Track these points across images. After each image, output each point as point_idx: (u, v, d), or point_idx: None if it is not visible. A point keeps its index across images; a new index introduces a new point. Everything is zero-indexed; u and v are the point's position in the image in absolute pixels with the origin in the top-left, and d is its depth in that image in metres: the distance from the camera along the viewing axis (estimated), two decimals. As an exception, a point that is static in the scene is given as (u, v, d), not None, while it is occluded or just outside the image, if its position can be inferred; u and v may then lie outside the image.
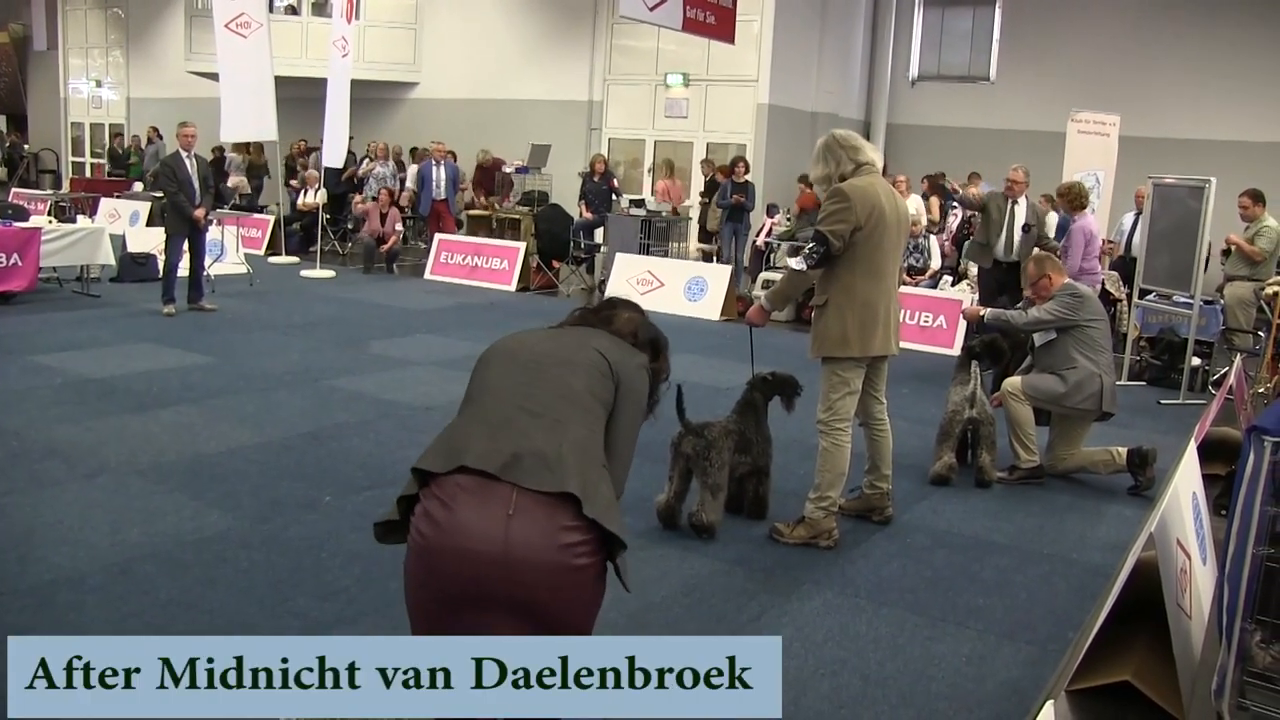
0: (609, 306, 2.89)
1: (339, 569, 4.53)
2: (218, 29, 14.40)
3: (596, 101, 19.25)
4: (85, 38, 27.49)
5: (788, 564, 4.88)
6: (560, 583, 2.26)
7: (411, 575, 2.33)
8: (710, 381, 8.42)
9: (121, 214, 16.87)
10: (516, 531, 2.21)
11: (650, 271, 12.78)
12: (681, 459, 5.15)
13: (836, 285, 4.91)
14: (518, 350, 2.58)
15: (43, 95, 29.13)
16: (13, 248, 10.70)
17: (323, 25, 19.30)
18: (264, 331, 10.07)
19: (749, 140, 17.42)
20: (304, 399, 7.49)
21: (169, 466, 5.82)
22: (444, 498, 2.26)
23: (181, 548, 4.70)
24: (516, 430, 2.34)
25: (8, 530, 4.82)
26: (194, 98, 22.04)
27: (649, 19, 13.70)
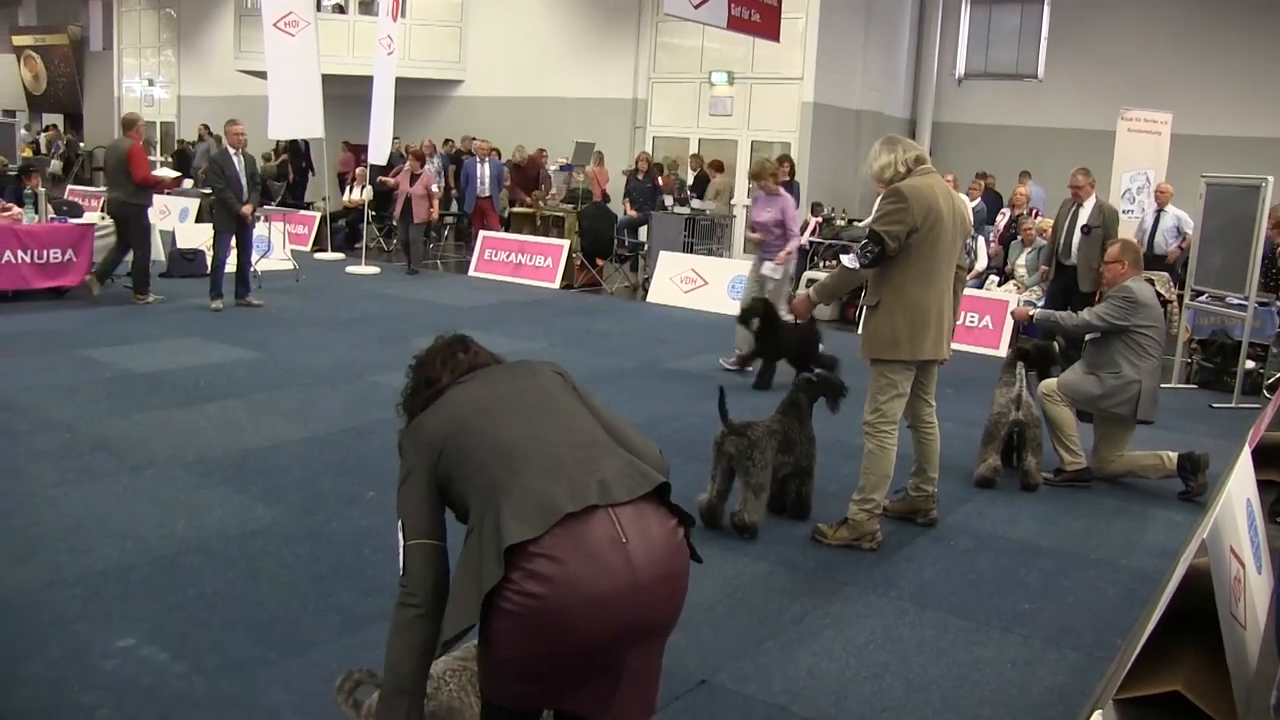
0: (466, 357, 2.61)
1: (381, 565, 4.55)
2: (266, 28, 14.57)
3: (641, 100, 19.23)
4: (139, 38, 27.91)
5: (830, 565, 4.84)
6: (674, 587, 2.27)
7: (515, 641, 2.15)
8: (753, 380, 8.37)
9: (171, 210, 17.08)
10: (638, 550, 2.17)
11: (694, 270, 12.76)
12: (724, 458, 5.13)
13: (888, 286, 4.86)
14: (492, 404, 2.41)
15: (98, 94, 29.63)
16: (67, 244, 10.87)
17: (369, 24, 19.43)
18: (309, 327, 10.17)
19: (793, 139, 17.32)
20: (348, 395, 7.54)
21: (215, 460, 5.88)
22: (545, 553, 2.12)
23: (226, 541, 4.75)
24: (576, 464, 2.25)
25: (58, 521, 4.89)
26: (242, 95, 22.31)
27: (694, 17, 13.66)
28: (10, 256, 10.44)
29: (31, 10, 31.77)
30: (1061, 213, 9.37)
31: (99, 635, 3.81)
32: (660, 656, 2.37)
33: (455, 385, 2.51)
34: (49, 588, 4.19)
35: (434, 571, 2.34)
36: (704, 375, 8.47)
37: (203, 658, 3.68)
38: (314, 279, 13.23)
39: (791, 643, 4.05)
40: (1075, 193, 9.17)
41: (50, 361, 8.07)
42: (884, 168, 4.87)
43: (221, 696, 3.46)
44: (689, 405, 7.09)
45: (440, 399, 2.49)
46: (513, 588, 2.11)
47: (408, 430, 2.51)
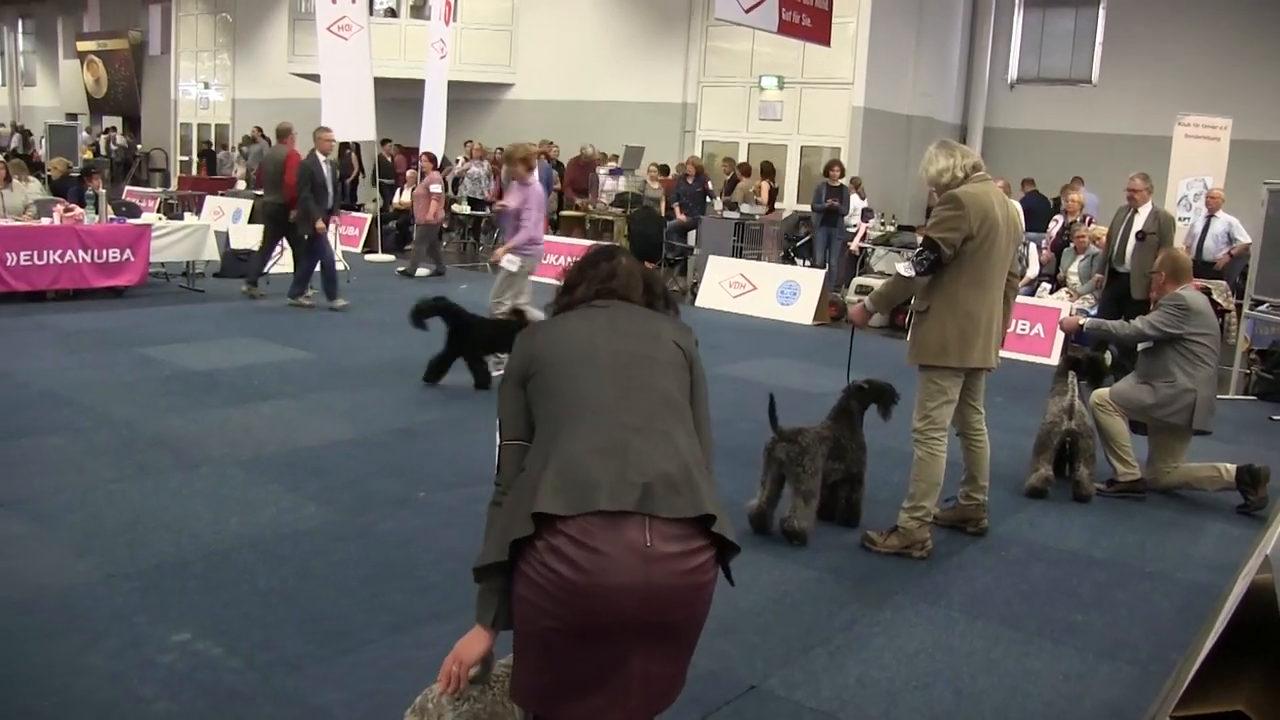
0: (608, 266, 2.64)
1: (431, 565, 4.59)
2: (320, 31, 14.75)
3: (690, 104, 19.26)
4: (195, 42, 28.38)
5: (879, 573, 4.81)
6: (694, 599, 2.26)
7: (538, 610, 2.22)
8: (802, 387, 8.35)
9: (225, 211, 17.33)
10: (656, 561, 2.18)
11: (743, 274, 12.74)
12: (774, 465, 5.12)
13: (939, 293, 4.83)
14: (592, 352, 2.44)
15: (155, 97, 30.16)
16: (125, 243, 11.07)
17: (420, 27, 19.64)
18: (360, 328, 10.27)
19: (844, 144, 17.26)
20: (399, 396, 7.61)
21: (268, 459, 5.96)
22: (576, 535, 2.16)
23: (279, 539, 4.81)
24: (635, 454, 2.25)
25: (117, 515, 4.98)
26: (295, 98, 22.60)
27: (744, 21, 13.66)
28: (72, 255, 10.66)
29: (96, 16, 32.40)
30: (1117, 219, 9.23)
31: (156, 629, 3.88)
32: (674, 676, 2.36)
33: (586, 308, 2.57)
34: (108, 580, 4.27)
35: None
36: (753, 381, 8.45)
37: (256, 653, 3.73)
38: (364, 280, 13.35)
39: (840, 650, 4.03)
40: (1131, 197, 9.03)
41: (109, 359, 8.22)
42: (941, 172, 4.82)
43: (274, 692, 3.50)
44: (738, 410, 7.07)
45: (564, 317, 2.57)
46: (536, 557, 2.18)
47: (525, 330, 2.59)
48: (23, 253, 10.37)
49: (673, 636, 2.29)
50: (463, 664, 2.38)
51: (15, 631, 3.82)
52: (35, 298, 10.48)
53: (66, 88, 33.79)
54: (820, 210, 14.28)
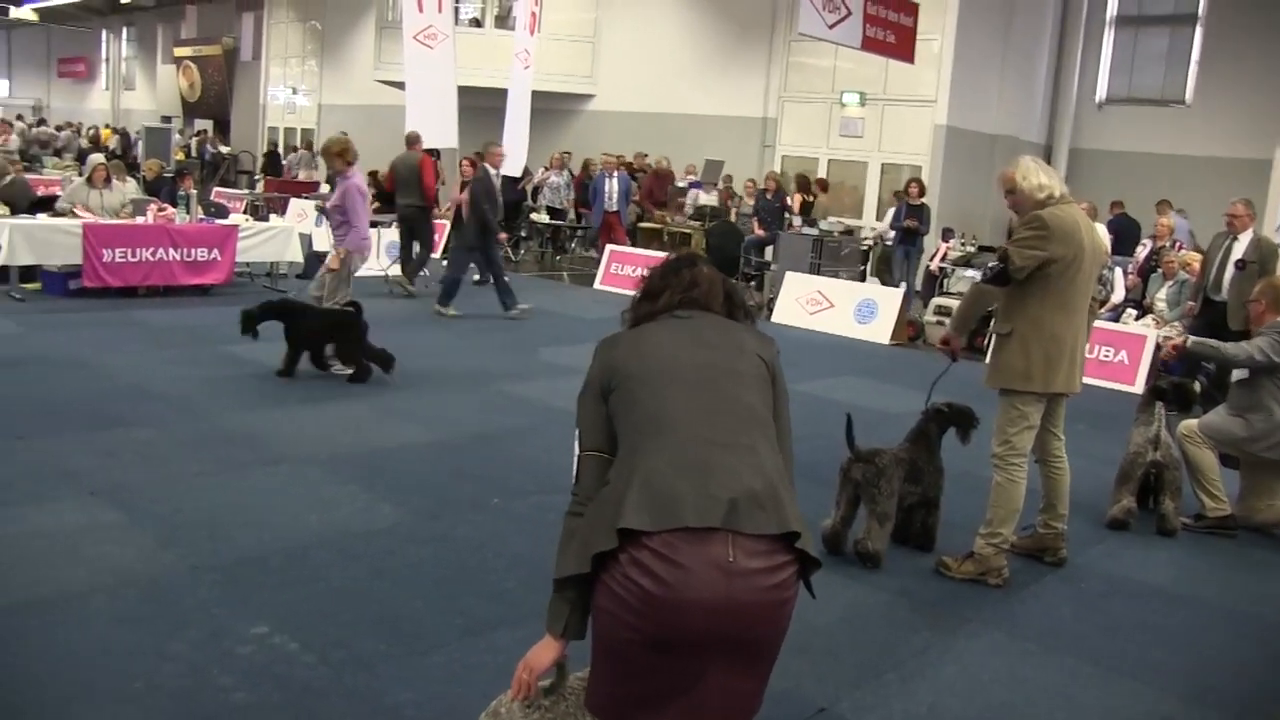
0: (690, 274, 2.63)
1: (504, 571, 4.62)
2: (406, 40, 14.99)
3: (771, 118, 19.21)
4: (285, 48, 29.02)
5: (954, 599, 4.74)
6: (775, 616, 2.25)
7: (618, 621, 2.22)
8: (878, 406, 8.27)
9: (309, 214, 17.63)
10: (739, 577, 2.17)
11: (820, 292, 12.65)
12: (850, 485, 5.07)
13: (1023, 315, 4.74)
14: (676, 364, 2.42)
15: (244, 101, 30.90)
16: (213, 243, 11.34)
17: (504, 37, 19.84)
18: (437, 332, 10.39)
19: (925, 162, 17.09)
20: (474, 401, 7.68)
21: (344, 459, 6.04)
22: (660, 549, 2.16)
23: (354, 538, 4.87)
24: (720, 471, 2.24)
25: (200, 508, 5.09)
26: (380, 105, 23.00)
27: (828, 37, 13.60)
28: (163, 254, 10.94)
29: (193, 24, 33.30)
30: (1214, 245, 8.95)
31: (235, 621, 3.95)
32: (751, 694, 2.34)
33: (668, 318, 2.55)
34: (191, 572, 4.37)
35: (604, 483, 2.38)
36: (828, 399, 8.38)
37: (330, 650, 3.78)
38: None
39: (913, 675, 3.97)
40: (1231, 223, 8.74)
41: (195, 355, 8.42)
42: (1040, 188, 4.72)
43: (347, 689, 3.54)
44: (813, 428, 7.00)
45: (646, 328, 2.55)
46: (619, 570, 2.18)
47: (606, 340, 2.55)
48: (118, 250, 10.67)
49: (752, 653, 2.28)
50: (533, 672, 2.39)
51: (105, 615, 3.93)
52: (128, 293, 10.77)
53: (163, 92, 34.76)
54: (898, 229, 14.15)
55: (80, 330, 9.04)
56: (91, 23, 37.58)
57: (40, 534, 4.63)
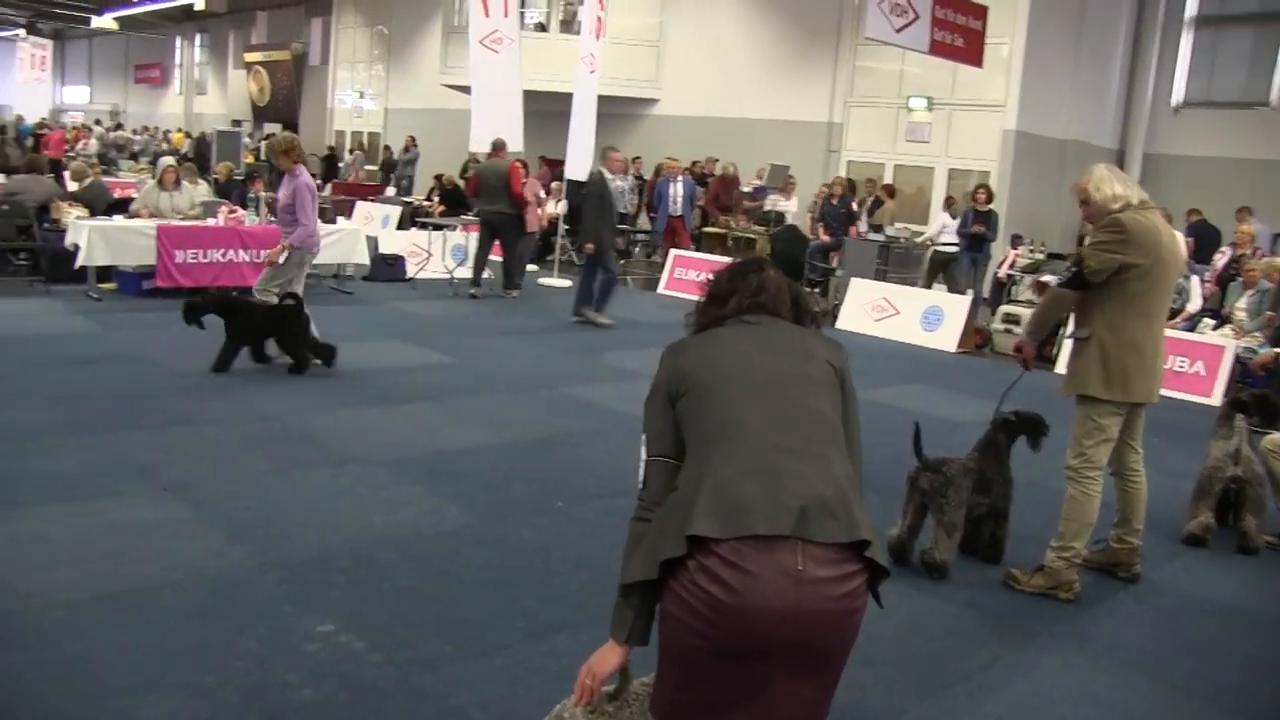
0: (757, 279, 2.60)
1: (567, 574, 4.62)
2: (472, 44, 15.10)
3: (836, 123, 19.07)
4: (353, 53, 29.42)
5: (1022, 613, 4.65)
6: (843, 625, 2.23)
7: (686, 627, 2.21)
8: (944, 415, 8.16)
9: (375, 217, 17.85)
10: (807, 585, 2.15)
11: (885, 298, 12.52)
12: (917, 494, 5.00)
13: (1103, 321, 4.63)
14: (746, 370, 2.40)
15: (312, 105, 31.37)
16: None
17: (567, 42, 19.92)
18: (502, 336, 10.44)
19: (993, 167, 16.85)
20: (539, 404, 7.70)
21: (411, 460, 6.08)
22: (728, 556, 2.15)
23: (420, 539, 4.90)
24: (790, 478, 2.22)
25: (267, 506, 5.16)
26: (445, 109, 23.23)
27: (895, 41, 13.47)
28: (233, 255, 11.12)
29: (263, 29, 33.89)
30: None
31: (302, 619, 3.99)
32: (817, 703, 2.31)
33: (737, 323, 2.52)
34: (259, 569, 4.42)
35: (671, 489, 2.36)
36: (894, 406, 8.28)
37: (395, 650, 3.81)
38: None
39: (980, 690, 3.90)
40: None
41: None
42: (1114, 198, 4.62)
43: (412, 689, 3.56)
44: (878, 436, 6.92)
45: (714, 334, 2.52)
46: (687, 576, 2.17)
47: (674, 346, 2.53)
48: (189, 250, 10.86)
49: (820, 661, 2.26)
50: (595, 677, 2.38)
51: (176, 609, 4.00)
52: (198, 293, 10.94)
53: (233, 96, 35.43)
54: (965, 235, 13.97)
55: (153, 329, 9.22)
56: (166, 30, 38.43)
57: (115, 528, 4.72)
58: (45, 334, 8.16)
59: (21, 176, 12.59)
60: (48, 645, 3.66)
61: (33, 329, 8.96)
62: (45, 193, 12.06)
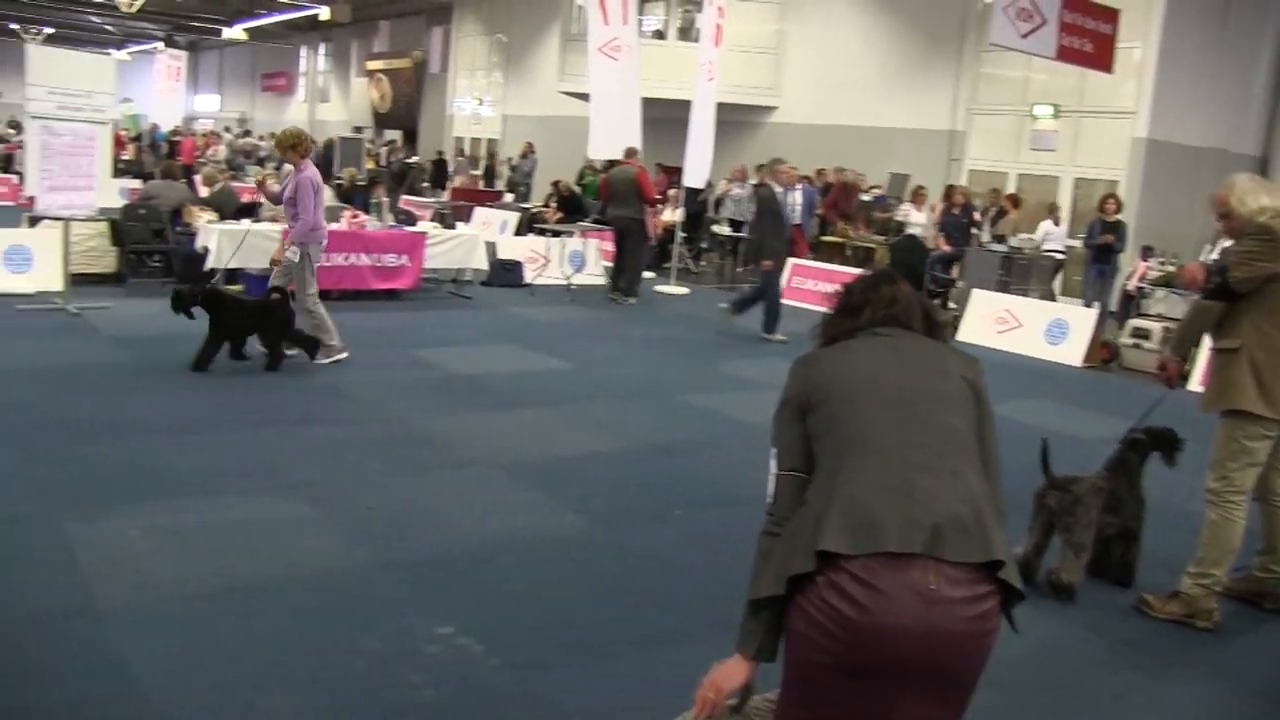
0: (890, 291, 2.54)
1: (684, 583, 4.59)
2: (591, 52, 15.23)
3: (958, 131, 18.70)
4: (472, 61, 29.94)
5: (1156, 641, 4.45)
6: (975, 647, 2.18)
7: (813, 645, 2.18)
8: (1069, 431, 7.90)
9: (492, 222, 18.11)
10: (939, 605, 2.11)
11: (1008, 310, 12.22)
12: (1044, 513, 4.85)
13: (1254, 331, 4.39)
14: (879, 384, 2.35)
15: (432, 112, 32.00)
16: (403, 249, 11.74)
17: (685, 49, 19.94)
18: (619, 342, 10.48)
19: (1121, 176, 16.31)
20: (656, 411, 7.69)
21: (528, 465, 6.13)
22: (858, 573, 2.12)
23: (537, 544, 4.93)
24: (923, 494, 2.18)
25: (388, 507, 5.25)
26: (562, 116, 23.45)
27: (1021, 47, 13.16)
28: (355, 259, 11.38)
29: (385, 38, 34.71)
30: None
31: (422, 620, 4.04)
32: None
33: (869, 335, 2.47)
34: (380, 570, 4.49)
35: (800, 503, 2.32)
36: (1018, 421, 8.05)
37: (513, 653, 3.82)
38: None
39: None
40: None
41: (384, 358, 8.71)
42: (1261, 210, 4.38)
43: (529, 694, 3.58)
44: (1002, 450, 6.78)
45: (846, 346, 2.47)
46: (815, 593, 2.14)
47: (804, 358, 2.50)
48: (313, 254, 11.14)
49: (949, 683, 2.20)
50: (719, 691, 2.34)
51: (301, 606, 4.09)
52: (320, 296, 11.18)
53: (355, 103, 36.32)
54: (1092, 247, 13.56)
55: (278, 331, 9.46)
56: (292, 40, 39.60)
57: (243, 524, 4.86)
58: (177, 334, 8.41)
59: (156, 182, 13.08)
60: (182, 635, 3.78)
61: (164, 328, 9.25)
62: (178, 197, 12.50)
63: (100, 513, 4.84)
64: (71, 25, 39.74)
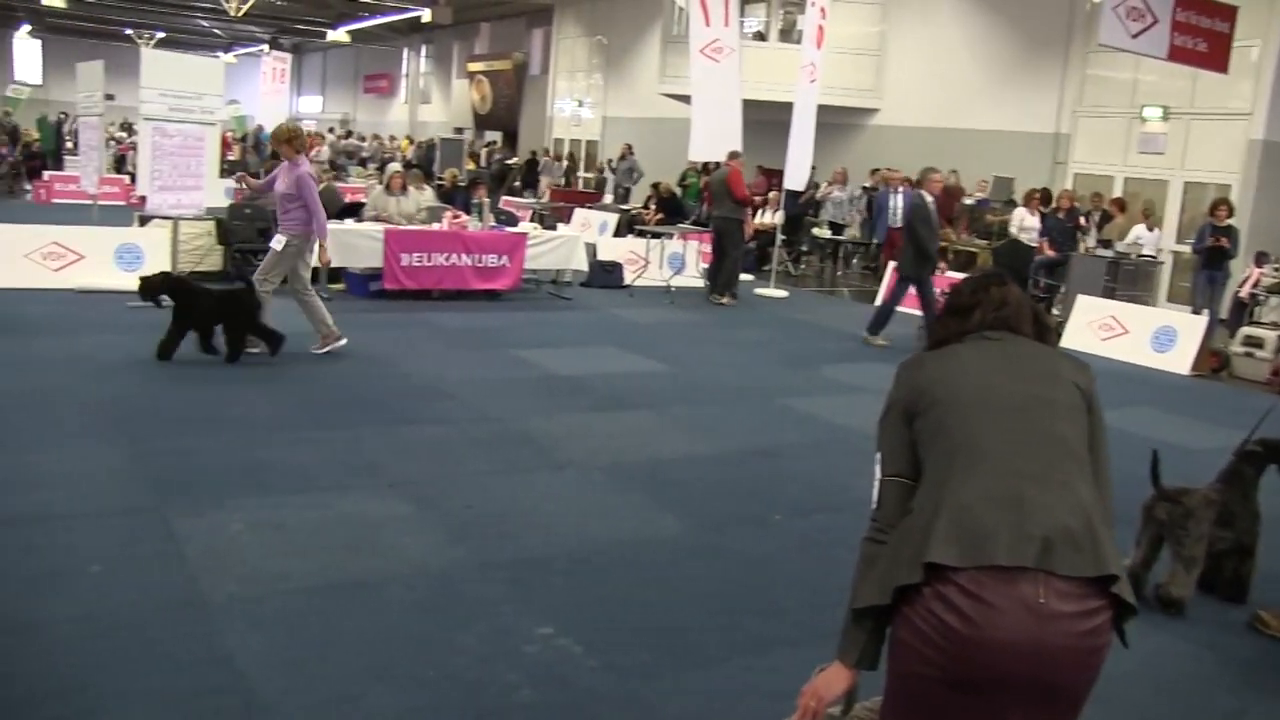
0: (999, 293, 2.49)
1: (784, 589, 4.58)
2: (693, 54, 15.21)
3: (1063, 134, 18.26)
4: (572, 63, 30.15)
5: (1274, 660, 4.31)
6: (1086, 663, 2.13)
7: (918, 656, 2.15)
8: (1178, 442, 7.67)
9: (592, 223, 18.23)
10: (1049, 620, 2.07)
11: (1113, 317, 11.91)
12: (1153, 525, 4.72)
13: None
14: (988, 391, 2.30)
15: (532, 113, 32.30)
16: (504, 250, 11.89)
17: (786, 51, 19.81)
18: (718, 345, 10.46)
19: (1234, 180, 15.76)
20: (755, 415, 7.66)
21: (628, 467, 6.16)
22: (966, 585, 2.09)
23: (637, 546, 4.95)
24: (1033, 506, 2.14)
25: (488, 506, 5.32)
26: (662, 117, 23.48)
27: (1131, 47, 12.78)
28: (456, 259, 11.56)
29: (486, 40, 35.15)
30: None
31: (521, 619, 4.08)
32: None
33: (978, 339, 2.43)
34: (481, 568, 4.56)
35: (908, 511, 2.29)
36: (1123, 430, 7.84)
37: (613, 656, 3.85)
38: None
39: (1227, 742, 3.65)
40: None
41: (484, 358, 8.83)
42: None
43: (628, 697, 3.59)
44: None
45: (954, 351, 2.43)
46: (921, 603, 2.11)
47: (910, 361, 2.46)
48: (415, 254, 11.36)
49: (1058, 699, 2.16)
50: (821, 700, 2.33)
51: (401, 603, 4.17)
52: (422, 296, 11.44)
53: (456, 104, 36.84)
54: (1201, 252, 13.13)
55: (380, 330, 9.67)
56: (394, 42, 40.32)
57: (345, 520, 4.97)
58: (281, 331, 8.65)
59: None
60: (284, 629, 3.87)
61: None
62: (282, 197, 12.80)
63: (207, 507, 4.99)
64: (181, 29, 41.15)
